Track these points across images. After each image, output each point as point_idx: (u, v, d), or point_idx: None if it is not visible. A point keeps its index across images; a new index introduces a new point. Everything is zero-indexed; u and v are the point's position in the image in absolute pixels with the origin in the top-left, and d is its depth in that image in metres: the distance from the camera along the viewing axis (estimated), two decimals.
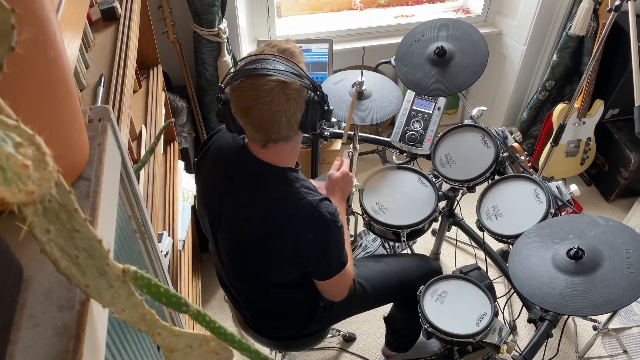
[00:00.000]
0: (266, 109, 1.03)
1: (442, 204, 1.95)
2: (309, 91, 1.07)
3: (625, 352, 1.98)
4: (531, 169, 1.75)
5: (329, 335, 1.80)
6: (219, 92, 1.11)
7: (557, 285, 1.20)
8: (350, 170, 1.53)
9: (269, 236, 1.17)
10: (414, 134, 1.79)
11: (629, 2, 1.67)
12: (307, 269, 1.22)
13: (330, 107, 1.14)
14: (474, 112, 1.78)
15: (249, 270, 1.30)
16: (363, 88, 1.77)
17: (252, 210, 1.17)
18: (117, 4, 1.34)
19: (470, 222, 1.79)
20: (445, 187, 1.82)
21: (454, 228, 2.05)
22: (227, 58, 2.13)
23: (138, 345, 0.76)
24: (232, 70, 1.10)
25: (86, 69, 1.13)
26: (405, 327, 1.71)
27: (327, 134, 1.98)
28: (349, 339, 2.07)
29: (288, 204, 1.13)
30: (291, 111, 1.05)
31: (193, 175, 1.93)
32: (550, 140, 2.12)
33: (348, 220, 2.02)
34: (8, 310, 0.44)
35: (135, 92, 1.61)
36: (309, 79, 1.07)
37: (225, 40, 2.09)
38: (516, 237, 1.40)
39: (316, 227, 1.13)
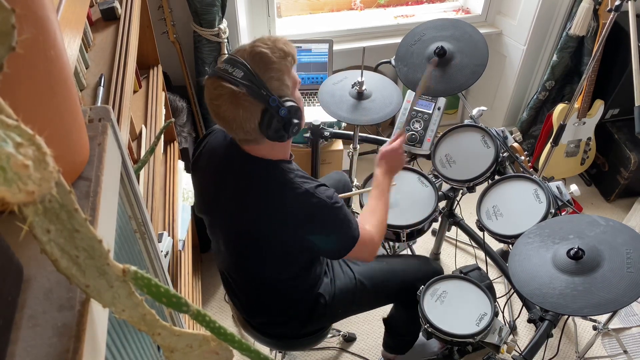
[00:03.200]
0: (217, 112, 1.07)
1: (442, 204, 1.95)
2: (264, 103, 1.05)
3: (625, 352, 1.98)
4: (531, 169, 1.75)
5: (329, 335, 1.80)
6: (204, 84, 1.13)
7: (557, 285, 1.20)
8: (351, 168, 1.53)
9: (270, 230, 1.17)
10: (414, 134, 1.79)
11: (629, 2, 1.67)
12: (318, 253, 1.22)
13: (294, 121, 1.10)
14: (474, 112, 1.78)
15: (250, 267, 1.30)
16: (363, 88, 1.78)
17: (250, 206, 1.17)
18: (117, 4, 1.34)
19: (470, 222, 1.79)
20: (445, 187, 1.82)
21: (454, 228, 2.05)
22: None
23: (138, 345, 0.76)
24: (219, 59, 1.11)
25: (86, 69, 1.13)
26: (405, 328, 1.71)
27: (327, 134, 1.98)
28: (349, 339, 2.07)
29: (285, 195, 1.13)
30: (240, 118, 1.05)
31: (191, 177, 1.93)
32: (550, 140, 2.12)
33: None
34: (8, 310, 0.44)
35: (135, 92, 1.61)
36: (267, 90, 1.04)
37: (225, 40, 2.09)
38: (516, 237, 1.40)
39: (316, 214, 1.14)
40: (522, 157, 1.71)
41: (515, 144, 1.74)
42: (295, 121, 1.10)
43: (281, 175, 1.15)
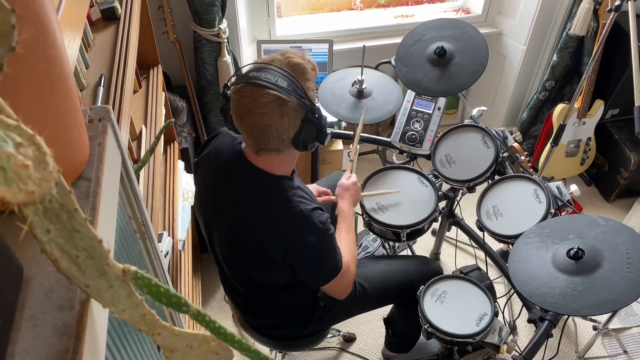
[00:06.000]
0: (258, 120, 1.04)
1: (442, 204, 1.95)
2: (306, 111, 1.07)
3: (625, 352, 1.98)
4: (531, 169, 1.75)
5: (329, 335, 1.80)
6: (225, 88, 1.13)
7: (557, 285, 1.20)
8: (351, 170, 1.54)
9: (259, 243, 1.17)
10: (414, 134, 1.79)
11: (629, 2, 1.67)
12: (298, 275, 1.23)
13: (327, 132, 1.14)
14: (474, 112, 1.78)
15: (243, 273, 1.31)
16: (363, 86, 1.78)
17: (245, 216, 1.17)
18: (117, 4, 1.34)
19: (470, 222, 1.79)
20: (445, 187, 1.81)
21: (454, 228, 2.05)
22: (227, 58, 2.13)
23: (138, 345, 0.76)
24: (241, 70, 1.11)
25: (86, 69, 1.13)
26: (406, 328, 1.71)
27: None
28: (349, 339, 2.07)
29: (280, 212, 1.14)
30: (283, 127, 1.06)
31: (192, 175, 1.93)
32: (550, 140, 2.12)
33: None
34: (8, 310, 0.44)
35: (135, 92, 1.61)
36: (308, 99, 1.07)
37: (225, 40, 2.09)
38: (516, 237, 1.40)
39: (308, 236, 1.14)
40: (522, 157, 1.71)
41: (515, 144, 1.73)
42: (329, 131, 1.14)
43: (280, 191, 1.15)
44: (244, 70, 1.09)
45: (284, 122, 1.05)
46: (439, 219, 1.90)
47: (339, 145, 2.41)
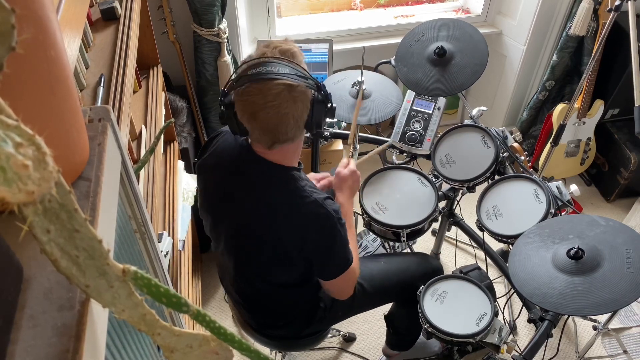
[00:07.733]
0: (274, 113, 1.04)
1: (442, 204, 1.95)
2: (313, 91, 1.09)
3: (625, 352, 1.98)
4: (531, 169, 1.75)
5: (329, 335, 1.80)
6: (222, 96, 1.12)
7: (557, 285, 1.20)
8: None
9: (275, 235, 1.17)
10: (414, 134, 1.79)
11: (629, 2, 1.67)
12: (313, 268, 1.23)
13: (334, 105, 1.15)
14: (474, 112, 1.78)
15: (252, 271, 1.30)
16: (363, 88, 1.78)
17: (258, 209, 1.17)
18: (117, 4, 1.34)
19: (470, 222, 1.79)
20: (445, 187, 1.81)
21: (454, 228, 2.05)
22: (227, 58, 2.13)
23: (138, 345, 0.76)
24: (234, 74, 1.10)
25: (86, 69, 1.13)
26: (406, 326, 1.71)
27: (327, 134, 1.98)
28: (349, 339, 2.07)
29: (293, 202, 1.14)
30: (298, 112, 1.07)
31: (193, 175, 1.93)
32: (550, 140, 2.12)
33: None
34: (8, 310, 0.44)
35: (135, 92, 1.61)
36: (312, 78, 1.09)
37: (225, 40, 2.09)
38: (516, 237, 1.40)
39: (322, 225, 1.14)
40: (522, 157, 1.71)
41: (515, 144, 1.73)
42: (335, 105, 1.15)
43: (292, 181, 1.15)
44: (239, 71, 1.08)
45: (298, 107, 1.06)
46: (439, 219, 1.90)
47: (338, 145, 2.41)
